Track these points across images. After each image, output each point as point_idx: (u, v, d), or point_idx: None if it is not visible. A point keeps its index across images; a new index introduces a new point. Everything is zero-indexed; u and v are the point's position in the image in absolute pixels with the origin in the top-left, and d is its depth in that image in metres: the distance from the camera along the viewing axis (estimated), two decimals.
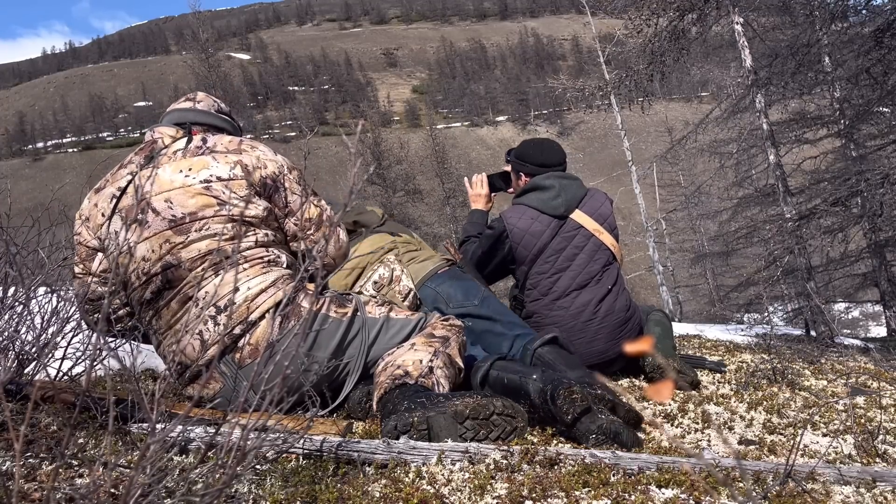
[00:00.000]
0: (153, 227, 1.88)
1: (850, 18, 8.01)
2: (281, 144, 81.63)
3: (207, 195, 1.91)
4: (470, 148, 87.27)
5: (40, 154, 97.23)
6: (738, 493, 1.37)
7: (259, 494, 1.19)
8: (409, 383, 1.79)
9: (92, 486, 0.93)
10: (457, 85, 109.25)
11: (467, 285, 2.56)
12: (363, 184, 0.97)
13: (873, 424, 2.15)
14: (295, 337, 1.06)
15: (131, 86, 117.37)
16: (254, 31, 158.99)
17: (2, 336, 1.60)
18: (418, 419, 1.58)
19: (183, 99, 2.26)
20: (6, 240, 1.69)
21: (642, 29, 9.68)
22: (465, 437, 1.59)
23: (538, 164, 2.89)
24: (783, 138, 9.22)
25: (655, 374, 2.75)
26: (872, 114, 8.16)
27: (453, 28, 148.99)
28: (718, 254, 12.43)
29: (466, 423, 1.60)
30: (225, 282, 1.81)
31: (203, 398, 1.88)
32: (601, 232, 2.77)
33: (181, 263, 1.87)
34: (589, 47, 32.59)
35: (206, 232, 1.89)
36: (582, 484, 1.30)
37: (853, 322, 26.05)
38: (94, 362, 1.37)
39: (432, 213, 31.14)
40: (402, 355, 1.90)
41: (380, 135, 30.00)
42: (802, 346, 5.19)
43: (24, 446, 1.25)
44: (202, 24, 24.29)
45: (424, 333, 2.00)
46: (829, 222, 8.16)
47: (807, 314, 8.46)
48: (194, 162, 1.96)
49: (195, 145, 2.01)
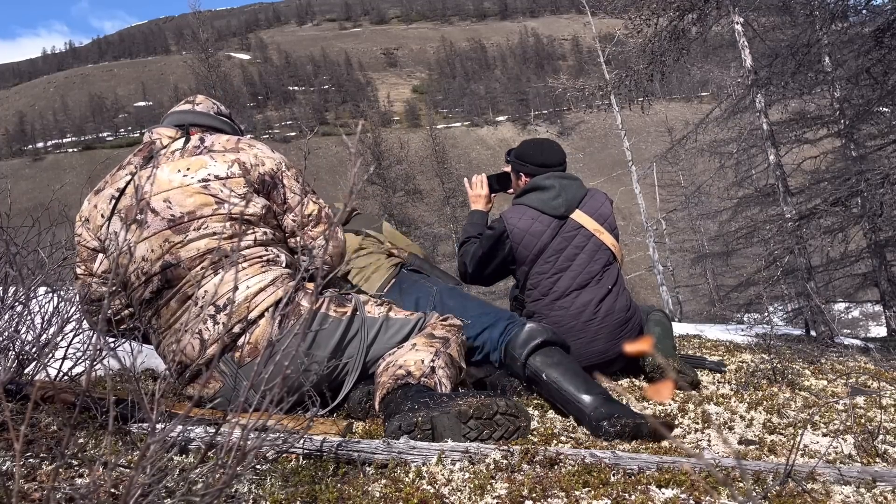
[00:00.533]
0: (152, 226, 1.89)
1: (850, 18, 8.02)
2: (281, 144, 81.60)
3: (205, 194, 1.92)
4: (470, 148, 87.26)
5: (40, 154, 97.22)
6: (738, 493, 1.37)
7: (259, 494, 1.19)
8: (411, 383, 1.79)
9: (92, 486, 0.93)
10: (457, 85, 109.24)
11: (416, 296, 2.55)
12: (363, 184, 0.97)
13: (873, 424, 2.15)
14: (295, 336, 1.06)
15: (131, 86, 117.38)
16: (254, 31, 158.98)
17: (2, 336, 1.60)
18: (422, 419, 1.58)
19: (183, 102, 2.26)
20: (6, 240, 1.69)
21: (642, 29, 9.69)
22: (469, 436, 1.60)
23: (538, 164, 2.89)
24: (783, 138, 9.22)
25: (655, 374, 2.75)
26: (872, 114, 8.17)
27: (453, 28, 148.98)
28: (718, 254, 12.45)
29: (470, 422, 1.61)
30: (224, 281, 1.82)
31: (203, 398, 1.88)
32: (601, 232, 2.77)
33: (180, 263, 1.87)
34: (589, 47, 32.59)
35: (204, 231, 1.90)
36: (582, 484, 1.30)
37: (853, 322, 26.06)
38: (94, 362, 1.37)
39: (432, 213, 31.14)
40: (404, 355, 1.90)
41: (380, 135, 29.99)
42: (802, 346, 5.19)
43: (24, 446, 1.25)
44: (202, 24, 24.29)
45: (424, 333, 2.00)
46: (829, 222, 8.16)
47: (807, 314, 8.47)
48: (192, 161, 1.97)
49: (193, 145, 2.02)
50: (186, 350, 1.87)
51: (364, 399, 1.93)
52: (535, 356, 2.20)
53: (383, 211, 26.76)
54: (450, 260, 27.22)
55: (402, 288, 2.62)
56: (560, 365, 2.14)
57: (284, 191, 2.05)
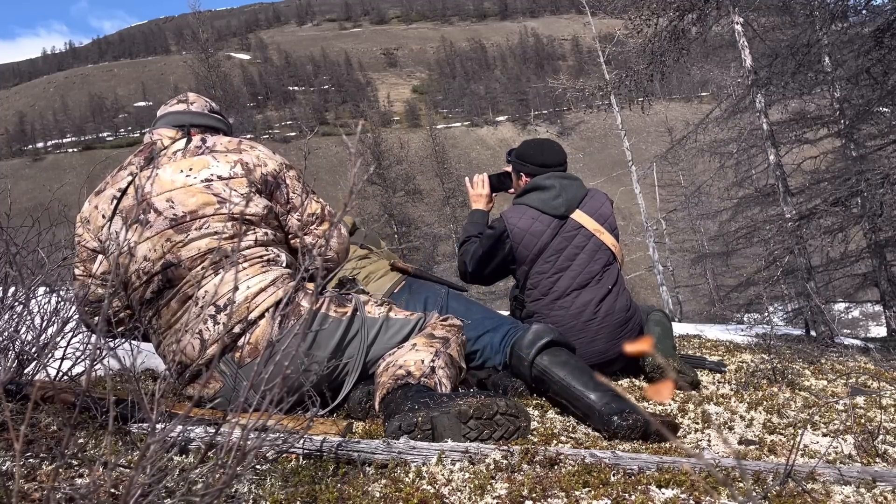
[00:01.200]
0: (155, 226, 1.89)
1: (850, 18, 8.01)
2: (281, 144, 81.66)
3: (208, 193, 1.92)
4: (470, 148, 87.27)
5: (40, 154, 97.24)
6: (738, 493, 1.37)
7: (259, 494, 1.19)
8: (411, 383, 1.79)
9: (92, 486, 0.93)
10: (457, 85, 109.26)
11: (425, 296, 2.58)
12: (363, 184, 0.97)
13: (873, 424, 2.15)
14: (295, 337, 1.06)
15: (131, 86, 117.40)
16: (254, 31, 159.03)
17: (2, 336, 1.60)
18: (422, 419, 1.58)
19: (174, 101, 2.25)
20: (6, 240, 1.68)
21: (642, 29, 9.68)
22: (469, 436, 1.60)
23: (539, 164, 2.89)
24: (783, 138, 9.22)
25: (655, 374, 2.75)
26: (872, 114, 8.16)
27: (453, 28, 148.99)
28: (718, 254, 12.45)
29: (470, 422, 1.61)
30: (225, 281, 1.82)
31: (203, 398, 1.88)
32: (602, 232, 2.78)
33: (181, 262, 1.88)
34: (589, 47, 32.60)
35: (205, 230, 1.90)
36: (582, 484, 1.30)
37: (853, 322, 26.06)
38: (94, 362, 1.37)
39: (432, 213, 31.10)
40: (404, 355, 1.90)
41: (380, 135, 29.95)
42: (802, 346, 5.19)
43: (24, 446, 1.25)
44: (202, 24, 24.27)
45: (424, 334, 2.00)
46: (829, 222, 8.16)
47: (807, 314, 8.47)
48: (195, 161, 1.97)
49: (195, 145, 2.03)
50: (186, 350, 1.87)
51: (364, 399, 1.93)
52: (542, 356, 2.21)
53: (383, 211, 26.73)
54: (450, 260, 27.22)
55: (412, 289, 2.64)
56: (567, 364, 2.16)
57: (287, 190, 2.06)
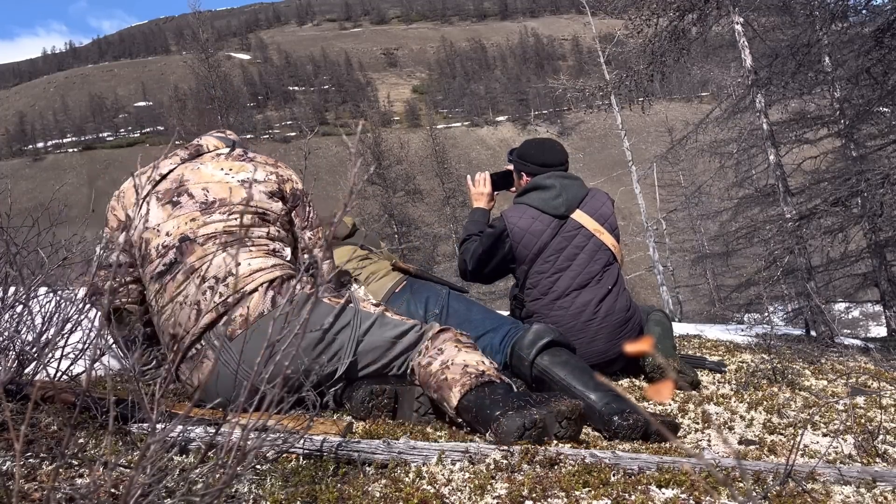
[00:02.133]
0: (185, 208, 2.03)
1: (850, 18, 8.01)
2: (281, 144, 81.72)
3: (242, 189, 2.09)
4: (470, 148, 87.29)
5: (40, 154, 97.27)
6: (738, 493, 1.37)
7: (259, 494, 1.19)
8: (494, 381, 1.80)
9: (92, 486, 0.93)
10: (457, 85, 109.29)
11: (426, 296, 2.59)
12: (363, 184, 0.97)
13: (873, 424, 2.15)
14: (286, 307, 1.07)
15: (131, 86, 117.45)
16: (254, 31, 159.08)
17: (2, 336, 1.60)
18: (540, 417, 1.63)
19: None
20: (6, 240, 1.68)
21: (642, 29, 9.67)
22: (558, 434, 1.67)
23: (540, 163, 2.89)
24: (783, 138, 9.21)
25: (655, 374, 2.75)
26: (872, 114, 8.16)
27: (453, 28, 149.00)
28: (718, 254, 12.44)
29: (563, 422, 1.68)
30: (228, 255, 1.94)
31: (195, 385, 1.93)
32: (602, 232, 2.78)
33: (196, 238, 1.98)
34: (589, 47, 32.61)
35: (227, 216, 2.03)
36: (582, 484, 1.30)
37: (853, 322, 26.05)
38: (94, 362, 1.37)
39: (432, 213, 31.08)
40: (457, 356, 1.89)
41: (380, 135, 29.94)
42: (802, 346, 5.19)
43: (24, 446, 1.25)
44: (202, 24, 24.28)
45: (451, 339, 1.99)
46: (830, 222, 8.15)
47: (807, 314, 8.46)
48: (235, 164, 2.16)
49: (237, 153, 2.23)
50: (181, 319, 1.93)
51: (367, 399, 1.92)
52: (542, 356, 2.22)
53: (383, 211, 26.73)
54: (450, 260, 27.22)
55: (413, 289, 2.65)
56: (568, 364, 2.17)
57: (310, 210, 2.25)
